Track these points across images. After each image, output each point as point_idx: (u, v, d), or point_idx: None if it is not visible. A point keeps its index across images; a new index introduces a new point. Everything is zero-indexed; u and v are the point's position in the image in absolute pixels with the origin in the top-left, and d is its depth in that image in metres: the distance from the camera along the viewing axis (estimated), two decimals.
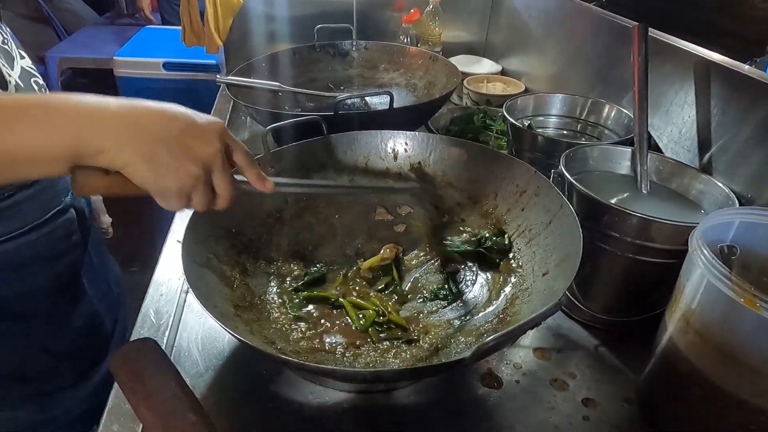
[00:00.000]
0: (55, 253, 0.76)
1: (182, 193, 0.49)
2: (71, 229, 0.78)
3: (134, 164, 0.46)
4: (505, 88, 1.39)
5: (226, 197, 0.53)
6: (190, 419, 0.43)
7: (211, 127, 0.51)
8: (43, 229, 0.73)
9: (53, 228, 0.75)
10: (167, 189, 0.48)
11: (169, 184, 0.48)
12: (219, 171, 0.51)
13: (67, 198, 0.78)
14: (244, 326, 0.62)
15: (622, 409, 0.64)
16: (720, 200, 0.71)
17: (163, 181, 0.47)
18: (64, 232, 0.77)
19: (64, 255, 0.78)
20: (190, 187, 0.49)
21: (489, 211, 0.81)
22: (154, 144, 0.46)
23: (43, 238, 0.73)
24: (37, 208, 0.73)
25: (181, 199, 0.50)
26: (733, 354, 0.50)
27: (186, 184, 0.49)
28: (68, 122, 0.44)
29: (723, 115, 0.78)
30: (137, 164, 0.46)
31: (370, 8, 1.57)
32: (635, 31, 0.77)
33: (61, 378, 0.82)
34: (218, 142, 0.50)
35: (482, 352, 0.47)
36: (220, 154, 0.50)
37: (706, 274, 0.50)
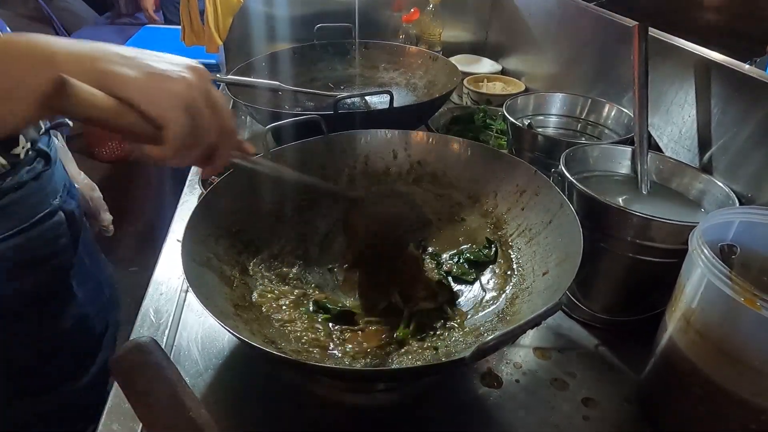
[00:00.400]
0: (42, 256, 0.75)
1: (186, 102, 0.46)
2: (60, 231, 0.77)
3: (136, 85, 0.44)
4: (505, 88, 1.39)
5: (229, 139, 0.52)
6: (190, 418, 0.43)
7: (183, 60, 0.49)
8: (30, 232, 0.72)
9: (41, 231, 0.73)
10: (166, 100, 0.45)
11: (168, 92, 0.45)
12: (207, 108, 0.48)
13: (55, 201, 0.77)
14: (243, 325, 0.62)
15: (622, 408, 0.64)
16: (720, 200, 0.71)
17: (162, 92, 0.45)
18: (52, 234, 0.76)
19: (52, 258, 0.77)
20: (189, 95, 0.46)
21: (489, 210, 0.81)
22: (146, 65, 0.45)
23: (31, 242, 0.72)
24: (25, 211, 0.71)
25: (186, 114, 0.46)
26: (734, 353, 0.50)
27: (184, 90, 0.46)
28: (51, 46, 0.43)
29: (723, 114, 0.78)
30: (139, 85, 0.44)
31: (371, 8, 1.57)
32: (635, 30, 0.77)
33: (52, 377, 0.81)
34: (199, 79, 0.48)
35: (482, 351, 0.46)
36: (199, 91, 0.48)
37: (707, 274, 0.50)
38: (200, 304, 0.54)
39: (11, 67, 0.42)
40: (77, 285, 0.82)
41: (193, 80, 0.47)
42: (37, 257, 0.74)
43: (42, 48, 0.43)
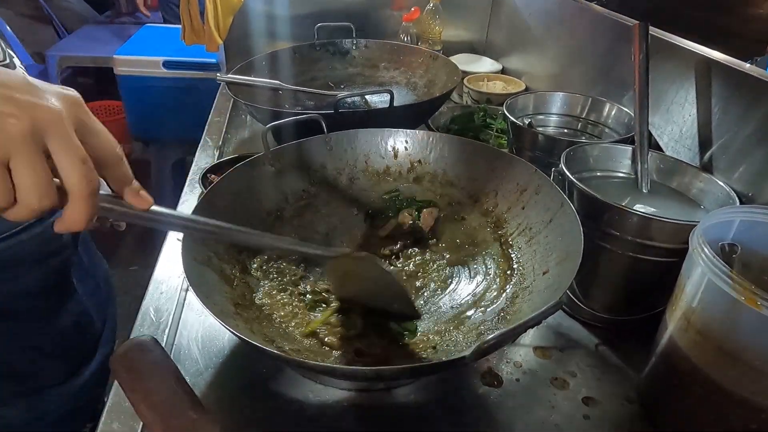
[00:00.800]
0: (45, 253, 0.75)
1: None
2: None
3: None
4: (506, 87, 1.39)
5: (78, 191, 0.36)
6: (191, 417, 0.43)
7: (61, 90, 0.37)
8: (33, 230, 0.72)
9: (44, 228, 0.73)
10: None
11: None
12: (62, 140, 0.35)
13: None
14: (244, 324, 0.62)
15: (623, 407, 0.63)
16: (721, 199, 0.71)
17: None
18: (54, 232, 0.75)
19: (54, 255, 0.77)
20: (5, 149, 0.33)
21: (489, 209, 0.81)
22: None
23: (34, 239, 0.72)
24: None
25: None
26: (734, 352, 0.50)
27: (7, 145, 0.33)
28: None
29: (724, 113, 0.78)
30: None
31: (371, 7, 1.57)
32: (636, 29, 0.77)
33: (50, 376, 0.81)
34: (64, 106, 0.36)
35: (483, 350, 0.46)
36: (61, 118, 0.35)
37: (707, 273, 0.50)
38: (200, 302, 0.54)
39: None
40: (77, 282, 0.83)
41: (20, 127, 0.34)
42: (40, 254, 0.74)
43: None
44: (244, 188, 0.76)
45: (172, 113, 2.11)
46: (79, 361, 0.85)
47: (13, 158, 0.34)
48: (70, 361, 0.84)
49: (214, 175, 0.97)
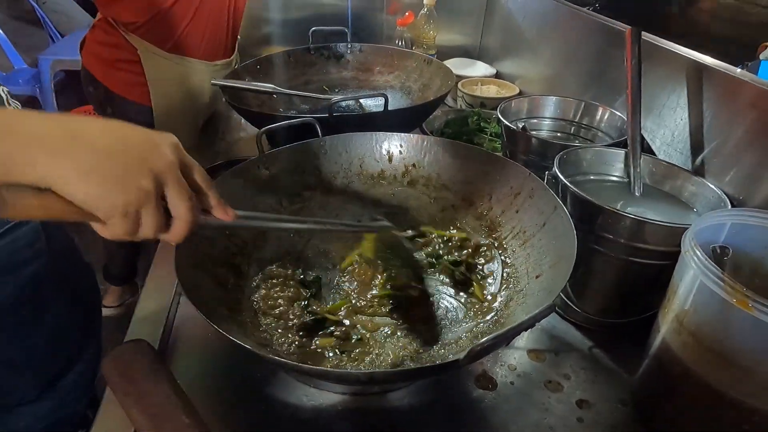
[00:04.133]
0: (15, 263, 0.72)
1: (128, 211, 0.42)
2: (34, 238, 0.74)
3: (70, 177, 0.39)
4: (500, 91, 1.40)
5: (185, 218, 0.46)
6: (183, 421, 0.42)
7: (163, 139, 0.45)
8: (3, 239, 0.69)
9: (14, 238, 0.71)
10: (110, 206, 0.41)
11: (113, 199, 0.41)
12: (174, 184, 0.44)
13: None
14: (237, 328, 0.62)
15: (617, 410, 0.64)
16: (712, 202, 0.71)
17: (105, 196, 0.41)
18: (30, 238, 0.73)
19: (26, 265, 0.73)
20: (137, 203, 0.42)
21: (483, 213, 0.81)
22: (94, 154, 0.40)
23: (4, 248, 0.69)
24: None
25: (127, 221, 0.42)
26: (726, 354, 0.50)
27: (133, 199, 0.42)
28: (2, 130, 0.39)
29: (715, 117, 0.79)
30: (73, 177, 0.40)
31: (365, 11, 1.58)
32: (628, 34, 0.78)
33: (23, 392, 0.77)
34: (172, 154, 0.45)
35: (476, 353, 0.47)
36: (174, 166, 0.44)
37: (699, 275, 0.50)
38: (194, 306, 0.54)
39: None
40: (54, 292, 0.79)
41: (147, 185, 0.42)
42: (11, 265, 0.71)
43: None
44: (238, 192, 0.76)
45: None
46: (54, 375, 0.81)
47: (144, 207, 0.43)
48: (44, 376, 0.80)
49: None
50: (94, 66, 1.23)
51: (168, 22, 1.15)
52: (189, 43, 1.20)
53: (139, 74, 1.19)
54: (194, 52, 1.21)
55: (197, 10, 1.16)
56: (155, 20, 1.13)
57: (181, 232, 0.46)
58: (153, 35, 1.16)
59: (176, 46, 1.18)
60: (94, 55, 1.23)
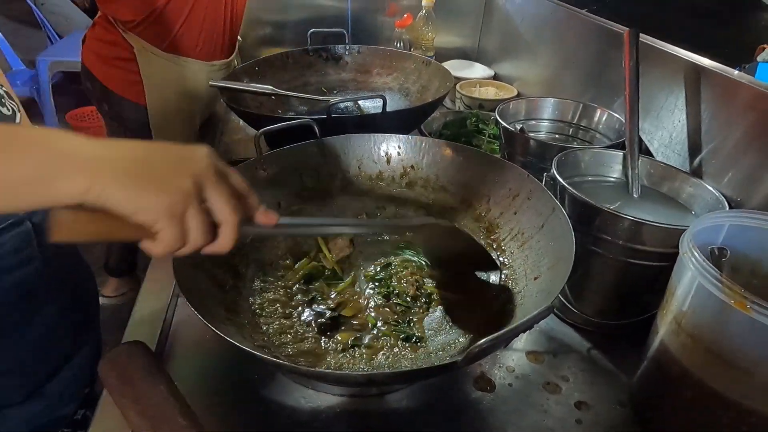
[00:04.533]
0: (5, 267, 0.71)
1: (173, 213, 0.42)
2: (26, 242, 0.73)
3: (110, 187, 0.40)
4: (498, 93, 1.40)
5: (231, 221, 0.46)
6: (180, 423, 0.42)
7: (197, 147, 0.46)
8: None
9: (3, 241, 0.70)
10: (154, 209, 0.41)
11: (156, 201, 0.41)
12: (214, 186, 0.45)
13: None
14: (235, 329, 0.62)
15: (615, 411, 0.64)
16: (710, 203, 0.71)
17: (147, 199, 0.41)
18: (17, 245, 0.72)
19: (17, 268, 0.72)
20: (182, 204, 0.42)
21: (482, 214, 0.81)
22: (130, 162, 0.41)
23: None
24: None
25: (174, 225, 0.42)
26: (724, 356, 0.50)
27: (176, 199, 0.42)
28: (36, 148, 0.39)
29: (713, 119, 0.79)
30: (114, 186, 0.40)
31: (364, 13, 1.58)
32: (626, 36, 0.78)
33: (9, 395, 0.76)
34: (207, 158, 0.45)
35: (474, 354, 0.46)
36: (210, 168, 0.45)
37: (697, 277, 0.50)
38: (191, 308, 0.54)
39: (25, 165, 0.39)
40: (47, 295, 0.78)
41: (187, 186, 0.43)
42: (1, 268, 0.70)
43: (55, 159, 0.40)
44: None
45: None
46: (43, 378, 0.80)
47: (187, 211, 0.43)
48: (33, 379, 0.79)
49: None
50: (93, 63, 1.23)
51: (163, 20, 1.15)
52: (185, 43, 1.20)
53: (135, 72, 1.19)
54: (190, 52, 1.22)
55: (192, 10, 1.17)
56: (151, 19, 1.14)
57: (229, 238, 0.46)
58: (149, 34, 1.16)
59: (172, 45, 1.18)
60: (93, 52, 1.23)
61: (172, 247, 0.43)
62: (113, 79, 1.23)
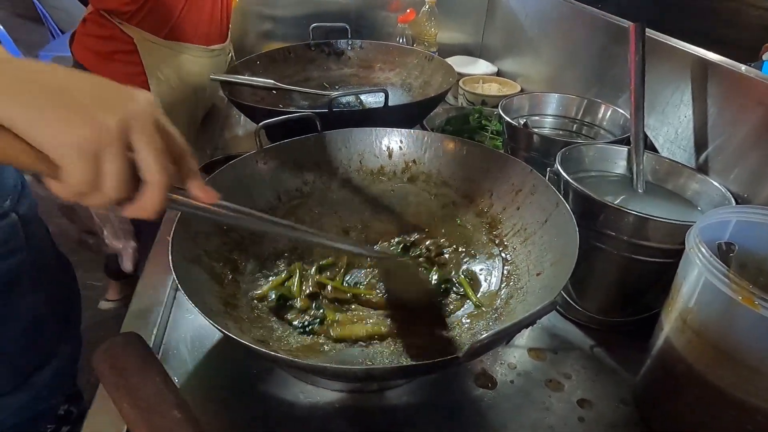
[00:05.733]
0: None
1: (86, 150, 0.36)
2: (12, 234, 0.72)
3: (25, 112, 0.35)
4: (501, 89, 1.39)
5: (158, 182, 0.39)
6: (175, 416, 0.41)
7: (138, 91, 0.40)
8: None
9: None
10: (65, 140, 0.35)
11: (69, 132, 0.35)
12: (146, 136, 0.38)
13: (6, 203, 0.72)
14: (233, 324, 0.61)
15: (618, 409, 0.63)
16: (716, 200, 0.70)
17: (59, 128, 0.35)
18: (4, 236, 0.71)
19: (3, 259, 0.71)
20: (97, 143, 0.36)
21: (484, 210, 0.80)
22: (54, 90, 0.36)
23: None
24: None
25: (84, 165, 0.36)
26: (731, 353, 0.49)
27: (91, 134, 0.36)
28: None
29: (719, 115, 0.78)
30: (28, 111, 0.35)
31: (366, 8, 1.57)
32: (632, 30, 0.77)
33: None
34: (147, 106, 0.39)
35: (476, 350, 0.46)
36: (147, 116, 0.39)
37: (704, 272, 0.49)
38: (189, 301, 0.53)
39: None
40: (33, 286, 0.77)
41: (111, 123, 0.37)
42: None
43: None
44: (236, 186, 0.75)
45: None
46: (31, 369, 0.79)
47: (104, 151, 0.37)
48: (20, 369, 0.78)
49: (205, 173, 0.96)
50: (89, 60, 1.22)
51: (162, 8, 1.14)
52: (184, 29, 1.19)
53: (137, 64, 1.18)
54: (191, 38, 1.21)
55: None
56: (148, 7, 1.13)
57: (152, 200, 0.39)
58: (148, 23, 1.15)
59: (172, 32, 1.18)
60: (88, 49, 1.22)
61: (78, 190, 0.37)
62: (114, 74, 1.22)
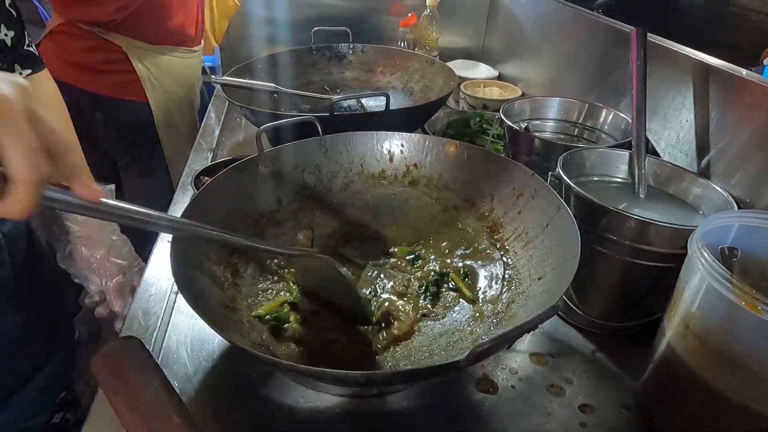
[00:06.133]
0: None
1: None
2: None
3: None
4: (502, 93, 1.39)
5: (26, 180, 0.34)
6: (174, 422, 0.41)
7: (10, 77, 0.36)
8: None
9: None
10: None
11: None
12: (12, 127, 0.34)
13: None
14: (233, 328, 0.61)
15: (620, 415, 0.62)
16: (718, 204, 0.70)
17: None
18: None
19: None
20: None
21: (485, 213, 0.80)
22: None
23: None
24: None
25: None
26: (734, 358, 0.49)
27: None
28: None
29: (721, 119, 0.77)
30: None
31: (368, 12, 1.57)
32: (634, 34, 0.77)
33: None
34: (16, 95, 0.35)
35: (477, 354, 0.45)
36: (14, 106, 0.34)
37: (707, 277, 0.49)
38: (189, 305, 0.52)
39: None
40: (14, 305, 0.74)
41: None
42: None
43: None
44: (236, 190, 0.75)
45: None
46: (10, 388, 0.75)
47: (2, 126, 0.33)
48: None
49: (207, 177, 0.96)
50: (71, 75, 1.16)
51: (148, 14, 1.14)
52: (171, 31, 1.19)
53: (129, 71, 1.18)
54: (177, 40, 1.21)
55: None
56: (134, 15, 1.12)
57: (21, 200, 0.34)
58: (134, 30, 1.14)
59: (158, 36, 1.18)
60: (69, 63, 1.16)
61: None
62: (106, 84, 1.19)
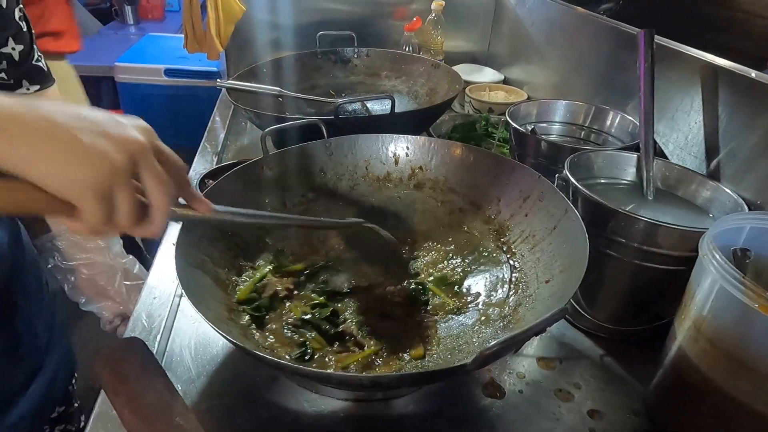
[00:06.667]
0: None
1: (100, 189, 0.38)
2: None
3: (32, 156, 0.36)
4: (508, 97, 1.38)
5: (163, 207, 0.42)
6: (177, 424, 0.40)
7: (136, 122, 0.42)
8: None
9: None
10: (81, 183, 0.37)
11: (83, 174, 0.37)
12: (150, 167, 0.41)
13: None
14: (238, 330, 0.60)
15: (629, 420, 0.61)
16: (728, 207, 0.69)
17: (74, 172, 0.37)
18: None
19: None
20: (110, 179, 0.38)
21: (492, 216, 0.79)
22: (61, 129, 0.37)
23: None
24: None
25: (101, 203, 0.38)
26: (747, 362, 0.48)
27: (105, 174, 0.37)
28: None
29: (730, 120, 0.77)
30: (36, 155, 0.36)
31: (373, 16, 1.57)
32: (641, 36, 0.77)
33: None
34: (144, 136, 0.41)
35: (484, 358, 0.45)
36: (147, 148, 0.41)
37: (719, 279, 0.48)
38: (193, 307, 0.52)
39: None
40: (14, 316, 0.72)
41: (121, 161, 0.39)
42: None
43: None
44: (241, 192, 0.75)
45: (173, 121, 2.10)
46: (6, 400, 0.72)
47: (116, 188, 0.39)
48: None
49: (211, 180, 0.95)
50: None
51: None
52: None
53: None
54: None
55: None
56: None
57: (158, 222, 0.43)
58: None
59: None
60: None
61: (96, 227, 0.40)
62: None
